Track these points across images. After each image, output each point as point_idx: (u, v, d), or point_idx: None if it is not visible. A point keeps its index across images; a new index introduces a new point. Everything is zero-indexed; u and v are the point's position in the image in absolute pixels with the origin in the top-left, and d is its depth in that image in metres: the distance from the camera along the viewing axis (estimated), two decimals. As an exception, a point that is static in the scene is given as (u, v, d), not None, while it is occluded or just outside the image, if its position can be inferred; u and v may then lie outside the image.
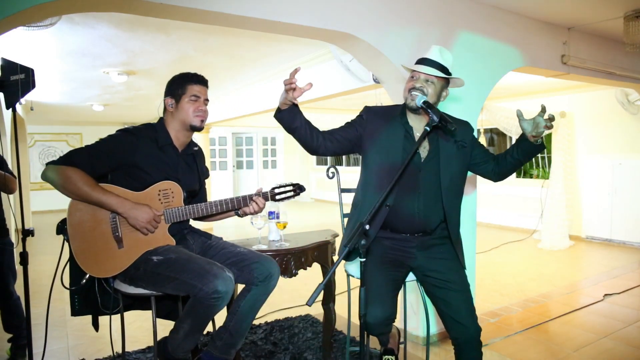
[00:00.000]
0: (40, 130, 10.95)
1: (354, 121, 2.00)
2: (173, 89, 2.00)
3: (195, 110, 1.97)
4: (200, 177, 2.15)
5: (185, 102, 1.96)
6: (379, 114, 1.98)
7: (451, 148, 1.92)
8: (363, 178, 2.00)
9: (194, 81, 1.99)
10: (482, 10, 3.19)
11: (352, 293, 2.24)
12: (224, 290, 1.71)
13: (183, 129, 2.00)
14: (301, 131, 1.90)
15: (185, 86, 1.97)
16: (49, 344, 3.01)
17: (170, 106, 1.99)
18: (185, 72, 2.03)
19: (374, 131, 1.94)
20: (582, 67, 3.93)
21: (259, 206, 2.03)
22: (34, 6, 1.87)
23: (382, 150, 1.90)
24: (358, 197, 2.02)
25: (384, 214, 1.88)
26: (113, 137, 1.89)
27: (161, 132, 1.98)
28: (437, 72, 1.85)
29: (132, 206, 1.82)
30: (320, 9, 2.50)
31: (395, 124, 1.93)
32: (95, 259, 1.85)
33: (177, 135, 2.01)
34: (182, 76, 2.01)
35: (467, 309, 1.81)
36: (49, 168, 1.78)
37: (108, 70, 4.89)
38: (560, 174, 6.38)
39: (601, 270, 4.94)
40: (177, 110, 1.98)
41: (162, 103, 2.03)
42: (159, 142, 1.95)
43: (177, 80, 2.01)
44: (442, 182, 1.89)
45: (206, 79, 2.04)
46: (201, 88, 2.00)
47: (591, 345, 2.97)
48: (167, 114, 2.01)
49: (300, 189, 2.09)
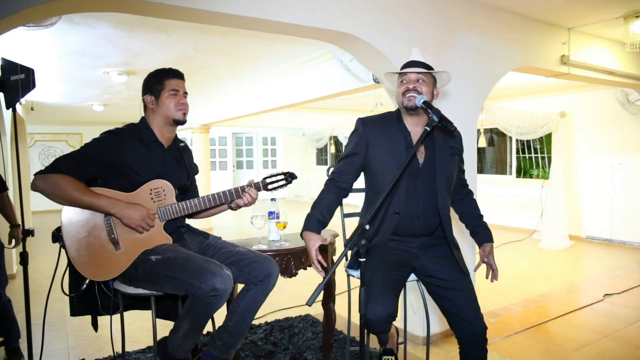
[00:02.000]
0: (40, 130, 10.95)
1: (355, 147, 1.97)
2: (151, 85, 1.99)
3: (176, 104, 1.97)
4: (189, 173, 2.15)
5: (165, 97, 1.96)
6: (375, 123, 1.98)
7: (446, 153, 1.94)
8: (372, 190, 2.00)
9: (171, 75, 1.99)
10: (482, 10, 3.19)
11: (352, 293, 2.24)
12: (222, 288, 1.71)
13: (166, 124, 2.00)
14: (334, 210, 1.98)
15: (163, 81, 1.97)
16: (49, 343, 3.02)
17: (151, 103, 1.99)
18: (161, 68, 2.01)
19: (375, 142, 1.93)
20: (582, 67, 3.93)
21: (252, 197, 2.02)
22: (34, 6, 1.87)
23: (386, 159, 1.90)
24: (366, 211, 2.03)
25: (394, 222, 1.89)
26: (98, 140, 1.89)
27: (145, 130, 1.98)
28: (424, 69, 1.88)
29: (124, 206, 1.82)
30: (320, 9, 2.50)
31: (394, 130, 1.93)
32: (94, 263, 1.85)
33: (161, 132, 2.01)
34: (158, 72, 2.00)
35: (472, 306, 1.80)
36: (37, 178, 1.77)
37: (108, 70, 4.89)
38: (560, 174, 6.38)
39: (601, 270, 4.94)
40: (158, 106, 1.98)
41: (141, 102, 2.03)
42: (144, 140, 1.95)
43: (153, 76, 2.00)
44: (438, 186, 1.90)
45: (182, 72, 2.04)
46: (179, 82, 2.00)
47: (591, 345, 2.97)
48: (149, 112, 2.01)
49: (292, 177, 2.09)
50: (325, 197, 1.94)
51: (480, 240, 2.02)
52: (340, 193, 1.98)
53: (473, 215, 2.07)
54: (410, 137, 1.92)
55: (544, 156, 7.56)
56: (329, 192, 1.96)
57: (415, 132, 1.94)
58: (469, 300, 1.81)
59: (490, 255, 1.97)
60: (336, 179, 1.98)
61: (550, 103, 6.88)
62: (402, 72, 1.89)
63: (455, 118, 1.98)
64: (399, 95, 1.90)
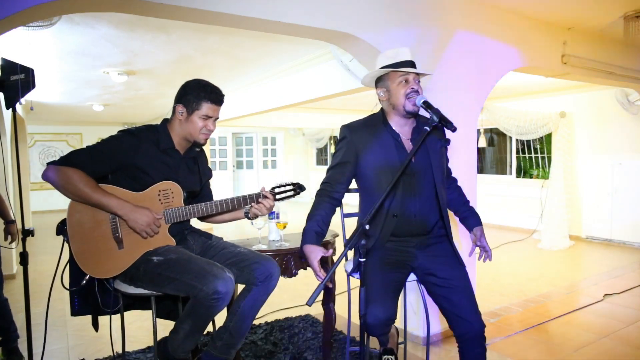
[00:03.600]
0: (40, 130, 10.94)
1: (344, 155, 1.95)
2: (189, 99, 1.92)
3: (203, 128, 1.94)
4: (202, 179, 2.13)
5: (196, 117, 1.92)
6: (361, 128, 1.96)
7: (437, 147, 1.95)
8: (366, 196, 1.99)
9: (212, 100, 1.92)
10: (482, 10, 3.19)
11: (352, 293, 2.24)
12: (224, 290, 1.71)
13: (186, 140, 1.98)
14: (329, 220, 1.96)
15: (201, 103, 1.91)
16: (49, 343, 3.01)
17: (181, 114, 1.94)
18: (205, 84, 1.93)
19: (364, 147, 1.92)
20: (582, 67, 3.93)
21: (270, 205, 2.00)
22: (34, 6, 1.87)
23: (379, 164, 1.90)
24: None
25: (392, 225, 1.89)
26: (114, 137, 1.88)
27: (164, 136, 1.95)
28: (422, 71, 1.91)
29: (132, 209, 1.81)
30: (320, 9, 2.50)
31: (382, 133, 1.93)
32: (95, 259, 1.85)
33: (179, 142, 1.99)
34: (201, 89, 1.91)
35: (471, 305, 1.81)
36: (49, 168, 1.77)
37: (108, 70, 4.89)
38: (560, 174, 6.38)
39: (601, 270, 4.94)
40: (187, 122, 1.93)
41: (172, 108, 1.98)
42: (160, 145, 1.93)
43: (194, 91, 1.91)
44: (436, 181, 1.91)
45: (223, 97, 1.97)
46: (216, 108, 1.94)
47: (591, 345, 2.97)
48: (175, 120, 1.97)
49: (300, 189, 2.06)
50: (320, 209, 1.91)
51: (471, 225, 2.07)
52: (333, 203, 1.95)
53: (461, 202, 2.14)
54: (400, 137, 1.92)
55: (544, 156, 7.56)
56: (323, 202, 1.93)
57: (403, 132, 1.95)
58: (467, 298, 1.82)
59: (482, 237, 2.03)
60: (328, 190, 1.95)
61: (550, 103, 6.88)
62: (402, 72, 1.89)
63: (455, 118, 1.98)
64: (400, 97, 1.88)
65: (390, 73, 1.91)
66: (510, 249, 6.19)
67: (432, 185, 1.92)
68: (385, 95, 1.94)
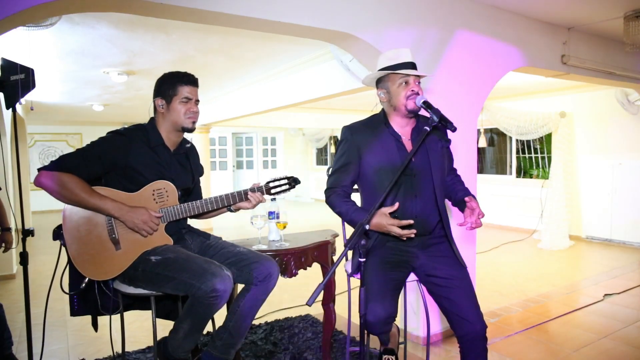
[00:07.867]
0: (40, 130, 10.94)
1: (347, 156, 1.95)
2: (164, 89, 1.96)
3: (187, 112, 1.95)
4: (194, 175, 2.14)
5: (176, 103, 1.94)
6: (363, 129, 1.97)
7: (437, 148, 1.95)
8: (367, 196, 1.99)
9: (185, 82, 1.95)
10: (482, 10, 3.19)
11: (352, 293, 2.24)
12: (222, 288, 1.71)
13: (174, 129, 1.99)
14: None
15: (177, 87, 1.94)
16: (49, 344, 3.01)
17: (161, 107, 1.97)
18: (175, 72, 1.98)
19: (366, 148, 1.92)
20: (582, 67, 3.93)
21: (256, 201, 2.01)
22: (34, 6, 1.87)
23: (380, 164, 1.90)
24: None
25: None
26: (104, 139, 1.88)
27: (152, 133, 1.96)
28: (422, 73, 1.90)
29: (129, 210, 1.82)
30: (320, 9, 2.50)
31: (383, 134, 1.93)
32: (94, 262, 1.85)
33: (168, 136, 2.00)
34: (173, 76, 1.96)
35: (472, 305, 1.81)
36: (42, 174, 1.74)
37: (108, 70, 4.89)
38: (560, 174, 6.38)
39: (601, 270, 4.94)
40: (169, 111, 1.96)
41: (152, 104, 2.01)
42: (150, 143, 1.94)
43: (167, 80, 1.96)
44: (435, 183, 1.91)
45: (196, 79, 2.01)
46: (192, 89, 1.97)
47: (591, 345, 2.97)
48: (158, 115, 1.99)
49: (295, 182, 2.07)
50: (341, 202, 1.92)
51: (464, 195, 1.93)
52: (347, 197, 1.97)
53: (460, 188, 2.05)
54: (401, 138, 1.93)
55: (544, 156, 7.56)
56: (339, 196, 1.94)
57: (404, 133, 1.95)
58: (468, 299, 1.81)
59: (474, 201, 1.87)
60: (336, 186, 1.96)
61: (550, 103, 6.88)
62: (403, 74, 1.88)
63: (455, 118, 1.98)
64: (401, 98, 1.88)
65: (391, 75, 1.91)
66: (510, 249, 6.19)
67: (432, 188, 1.92)
68: (386, 97, 1.95)
